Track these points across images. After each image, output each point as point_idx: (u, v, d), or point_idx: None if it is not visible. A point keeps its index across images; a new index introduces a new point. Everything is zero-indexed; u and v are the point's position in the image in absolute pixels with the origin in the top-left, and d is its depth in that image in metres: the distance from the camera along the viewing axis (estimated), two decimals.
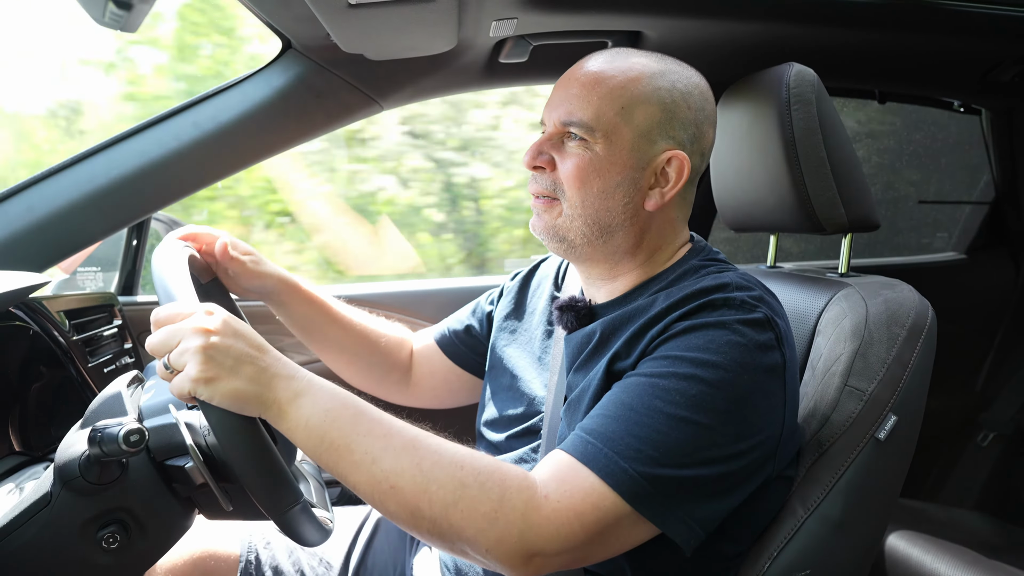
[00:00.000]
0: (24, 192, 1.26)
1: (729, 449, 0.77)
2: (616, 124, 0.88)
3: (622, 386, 0.82)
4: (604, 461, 0.75)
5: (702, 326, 0.81)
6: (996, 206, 2.19)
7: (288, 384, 0.76)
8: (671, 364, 0.79)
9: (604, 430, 0.77)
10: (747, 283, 0.87)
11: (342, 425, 0.75)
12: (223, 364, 0.73)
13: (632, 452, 0.75)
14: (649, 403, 0.77)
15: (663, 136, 0.90)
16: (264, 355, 0.77)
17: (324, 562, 1.14)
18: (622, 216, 0.91)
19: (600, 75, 0.90)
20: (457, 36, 1.24)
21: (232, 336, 0.75)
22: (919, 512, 1.78)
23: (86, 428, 0.78)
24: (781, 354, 0.82)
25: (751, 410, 0.79)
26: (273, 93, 1.34)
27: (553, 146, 0.93)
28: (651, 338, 0.83)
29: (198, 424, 0.80)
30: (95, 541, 0.77)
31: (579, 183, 0.90)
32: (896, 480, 0.98)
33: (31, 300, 1.13)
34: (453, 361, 1.28)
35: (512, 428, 1.07)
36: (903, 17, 1.34)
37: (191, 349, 0.73)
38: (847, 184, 1.07)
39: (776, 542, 0.91)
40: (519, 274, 1.24)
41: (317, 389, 0.77)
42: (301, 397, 0.76)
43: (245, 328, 0.78)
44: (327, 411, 0.75)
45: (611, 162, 0.89)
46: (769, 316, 0.82)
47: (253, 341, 0.77)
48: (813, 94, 1.05)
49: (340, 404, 0.76)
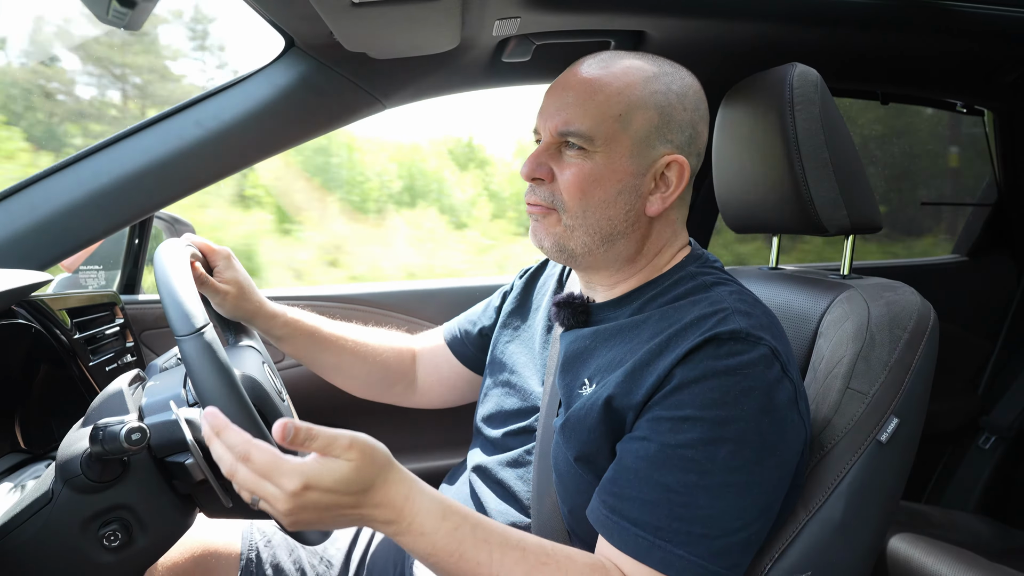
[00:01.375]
0: (26, 190, 1.26)
1: (770, 495, 0.81)
2: (615, 131, 0.87)
3: (647, 458, 0.80)
4: (661, 554, 0.76)
5: (712, 375, 0.79)
6: (998, 208, 2.19)
7: (385, 528, 0.76)
8: (691, 428, 0.78)
9: (650, 520, 0.77)
10: (744, 306, 0.86)
11: (446, 569, 0.76)
12: (311, 518, 0.72)
13: (683, 537, 0.76)
14: (683, 479, 0.77)
15: (661, 140, 0.89)
16: (363, 503, 0.73)
17: (325, 560, 1.14)
18: (624, 224, 0.91)
19: (596, 82, 0.89)
20: (460, 35, 1.24)
21: (328, 492, 0.70)
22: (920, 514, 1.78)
23: (88, 426, 0.78)
24: (790, 381, 0.82)
25: (782, 447, 0.81)
26: (276, 92, 1.34)
27: (551, 156, 0.91)
28: (655, 384, 0.81)
29: (199, 420, 0.80)
30: (96, 539, 0.77)
31: (580, 194, 0.89)
32: (898, 482, 0.98)
33: (33, 299, 1.14)
34: (463, 363, 1.28)
35: (509, 425, 1.07)
36: (906, 18, 1.33)
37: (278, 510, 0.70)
38: (850, 185, 1.07)
39: (777, 544, 0.91)
40: (528, 271, 1.25)
41: (416, 536, 0.75)
42: (399, 537, 0.76)
43: (343, 476, 0.71)
44: (427, 556, 0.76)
45: (611, 170, 0.88)
46: (772, 347, 0.82)
47: (351, 488, 0.71)
48: (816, 95, 1.05)
49: (442, 550, 0.75)
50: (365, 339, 1.27)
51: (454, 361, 1.29)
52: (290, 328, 1.20)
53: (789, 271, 1.24)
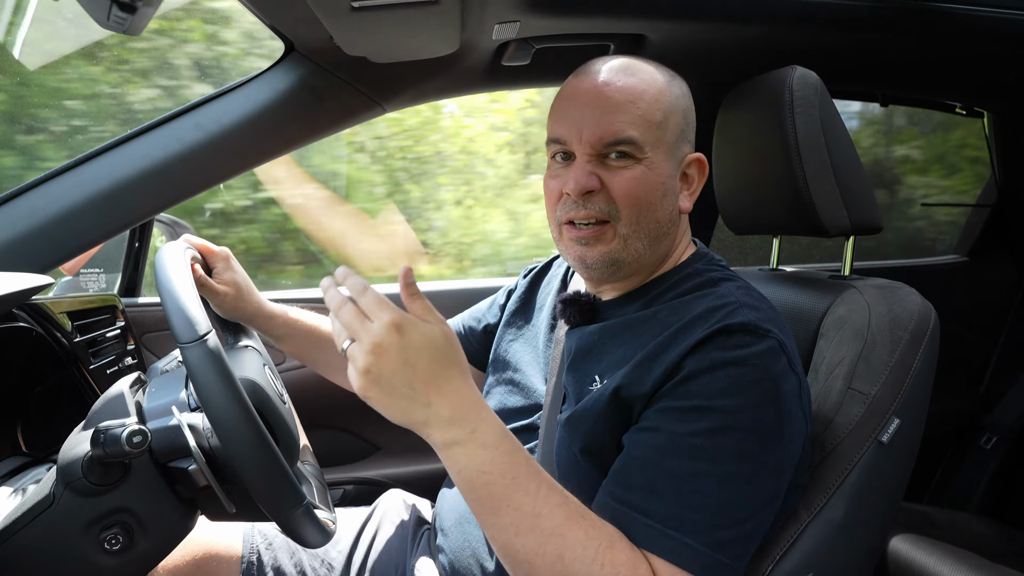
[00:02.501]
0: (27, 194, 1.26)
1: (773, 487, 0.81)
2: (658, 136, 0.90)
3: (655, 447, 0.80)
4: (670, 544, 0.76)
5: (721, 365, 0.80)
6: (998, 208, 2.19)
7: (447, 429, 0.74)
8: (700, 418, 0.79)
9: (659, 509, 0.78)
10: (752, 300, 0.87)
11: (493, 491, 0.74)
12: (380, 387, 0.72)
13: (691, 526, 0.76)
14: (692, 467, 0.78)
15: (685, 141, 0.94)
16: (431, 389, 0.73)
17: (326, 563, 1.14)
18: (668, 224, 0.94)
19: (633, 90, 0.90)
20: (460, 39, 1.24)
21: (401, 363, 0.71)
22: (922, 515, 1.78)
23: (89, 429, 0.78)
24: (795, 375, 0.83)
25: (785, 438, 0.81)
26: (276, 95, 1.34)
27: (596, 166, 0.91)
28: (664, 375, 0.82)
29: (201, 426, 0.80)
30: (97, 542, 0.77)
31: (634, 200, 0.90)
32: (899, 483, 0.98)
33: (34, 302, 1.14)
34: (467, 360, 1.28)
35: (511, 423, 1.07)
36: (906, 20, 1.34)
37: (359, 361, 0.72)
38: (850, 187, 1.07)
39: (779, 545, 0.91)
40: (533, 270, 1.25)
41: (478, 446, 0.74)
42: (458, 446, 0.74)
43: (423, 352, 0.73)
44: (480, 472, 0.74)
45: (656, 173, 0.91)
46: (780, 340, 0.83)
47: (424, 371, 0.72)
48: (816, 97, 1.05)
49: (498, 470, 0.74)
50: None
51: None
52: (289, 327, 1.21)
53: (789, 272, 1.25)
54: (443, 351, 0.74)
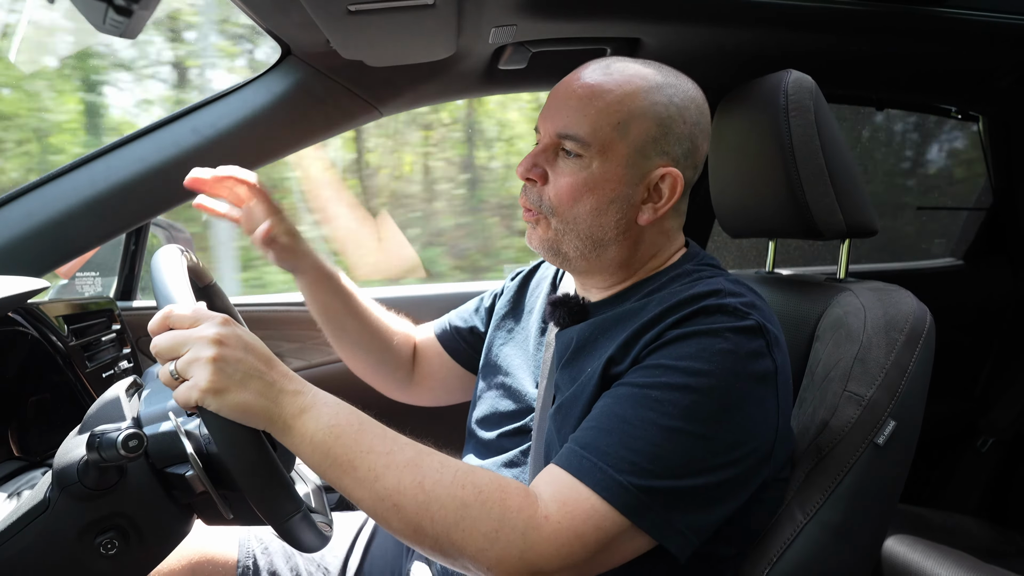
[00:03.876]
0: (23, 197, 1.26)
1: (723, 457, 0.77)
2: (612, 139, 0.88)
3: (614, 396, 0.82)
4: (600, 476, 0.75)
5: (694, 334, 0.80)
6: (994, 212, 2.20)
7: (294, 400, 0.76)
8: (662, 374, 0.79)
9: (599, 444, 0.77)
10: (739, 289, 0.87)
11: (346, 441, 0.75)
12: (232, 377, 0.73)
13: (627, 465, 0.75)
14: (642, 415, 0.77)
15: (657, 152, 0.89)
16: (272, 370, 0.76)
17: (322, 567, 1.14)
18: (615, 231, 0.91)
19: (597, 88, 0.89)
20: (456, 43, 1.24)
21: (242, 349, 0.75)
22: (918, 517, 1.78)
23: (84, 433, 0.78)
24: (772, 360, 0.82)
25: (744, 417, 0.79)
26: (272, 99, 1.34)
27: (547, 159, 0.92)
28: (644, 344, 0.83)
29: (198, 432, 0.80)
30: (93, 547, 0.76)
31: (571, 201, 0.90)
32: (895, 485, 0.98)
33: (30, 305, 1.13)
34: (452, 357, 1.28)
35: (503, 426, 1.07)
36: (901, 24, 1.34)
37: (201, 360, 0.72)
38: (845, 190, 1.07)
39: (775, 548, 0.91)
40: (520, 273, 1.25)
41: (321, 405, 0.77)
42: (306, 413, 0.75)
43: (254, 341, 0.78)
44: (331, 427, 0.75)
45: (605, 179, 0.89)
46: (760, 323, 0.82)
47: (262, 355, 0.77)
48: (811, 101, 1.06)
49: (344, 420, 0.76)
50: (386, 318, 1.28)
51: (444, 355, 1.29)
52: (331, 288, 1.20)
53: (785, 275, 1.25)
54: (262, 346, 0.78)
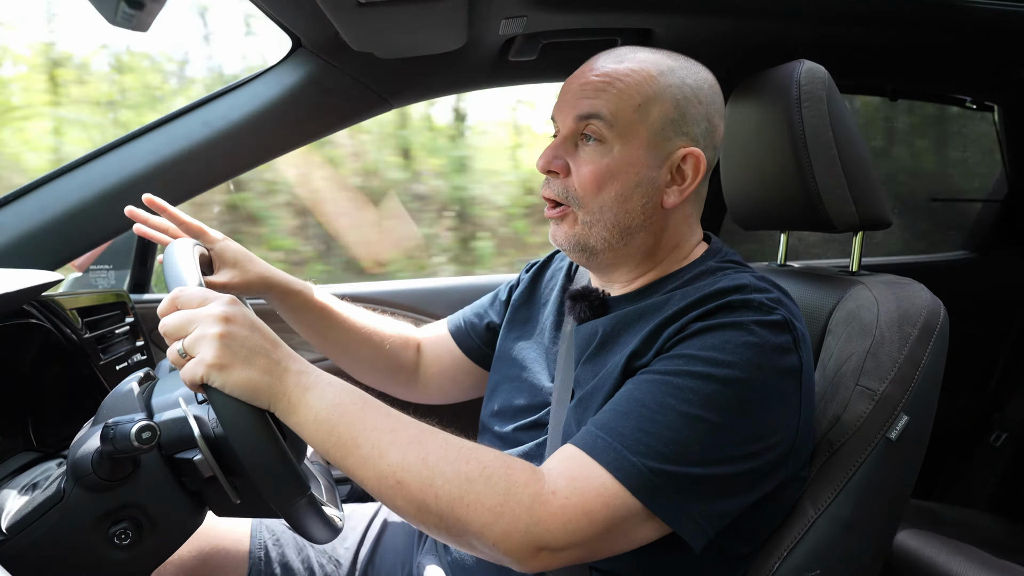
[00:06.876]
0: (37, 191, 1.27)
1: (741, 449, 0.77)
2: (633, 121, 0.88)
3: (635, 383, 0.82)
4: (614, 455, 0.75)
5: (719, 326, 0.80)
6: (1008, 203, 2.17)
7: (298, 379, 0.77)
8: (686, 363, 0.79)
9: (615, 425, 0.77)
10: (765, 285, 0.87)
11: (349, 420, 0.76)
12: (238, 353, 0.74)
13: (643, 447, 0.75)
14: (661, 400, 0.77)
15: (677, 133, 0.90)
16: (277, 349, 0.78)
17: (333, 560, 1.15)
18: (641, 217, 0.91)
19: (613, 74, 0.90)
20: (466, 34, 1.24)
21: (249, 327, 0.76)
22: (930, 512, 1.77)
23: (98, 425, 0.78)
24: (798, 357, 0.82)
25: (765, 411, 0.79)
26: (283, 91, 1.34)
27: (567, 150, 0.92)
28: (668, 336, 0.83)
29: (207, 417, 0.81)
30: (107, 537, 0.77)
31: (595, 188, 0.90)
32: (907, 480, 0.97)
33: (44, 298, 1.14)
34: (467, 355, 1.27)
35: (519, 420, 1.06)
36: (915, 14, 1.33)
37: (208, 336, 0.73)
38: (858, 181, 1.06)
39: (786, 542, 0.91)
40: (534, 265, 1.24)
41: (325, 384, 0.78)
42: (310, 391, 0.76)
43: (260, 322, 0.79)
44: (335, 406, 0.76)
45: (628, 163, 0.89)
46: (787, 318, 0.82)
47: (267, 335, 0.78)
48: (824, 91, 1.05)
49: (348, 399, 0.77)
50: (373, 323, 1.27)
51: (457, 352, 1.28)
52: (296, 302, 1.19)
53: (797, 268, 1.24)
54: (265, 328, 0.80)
